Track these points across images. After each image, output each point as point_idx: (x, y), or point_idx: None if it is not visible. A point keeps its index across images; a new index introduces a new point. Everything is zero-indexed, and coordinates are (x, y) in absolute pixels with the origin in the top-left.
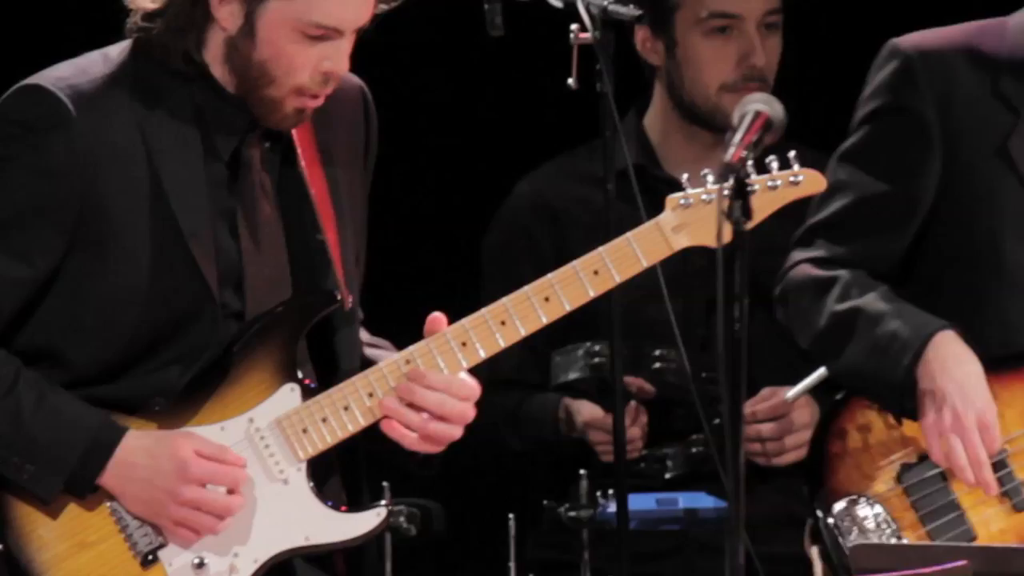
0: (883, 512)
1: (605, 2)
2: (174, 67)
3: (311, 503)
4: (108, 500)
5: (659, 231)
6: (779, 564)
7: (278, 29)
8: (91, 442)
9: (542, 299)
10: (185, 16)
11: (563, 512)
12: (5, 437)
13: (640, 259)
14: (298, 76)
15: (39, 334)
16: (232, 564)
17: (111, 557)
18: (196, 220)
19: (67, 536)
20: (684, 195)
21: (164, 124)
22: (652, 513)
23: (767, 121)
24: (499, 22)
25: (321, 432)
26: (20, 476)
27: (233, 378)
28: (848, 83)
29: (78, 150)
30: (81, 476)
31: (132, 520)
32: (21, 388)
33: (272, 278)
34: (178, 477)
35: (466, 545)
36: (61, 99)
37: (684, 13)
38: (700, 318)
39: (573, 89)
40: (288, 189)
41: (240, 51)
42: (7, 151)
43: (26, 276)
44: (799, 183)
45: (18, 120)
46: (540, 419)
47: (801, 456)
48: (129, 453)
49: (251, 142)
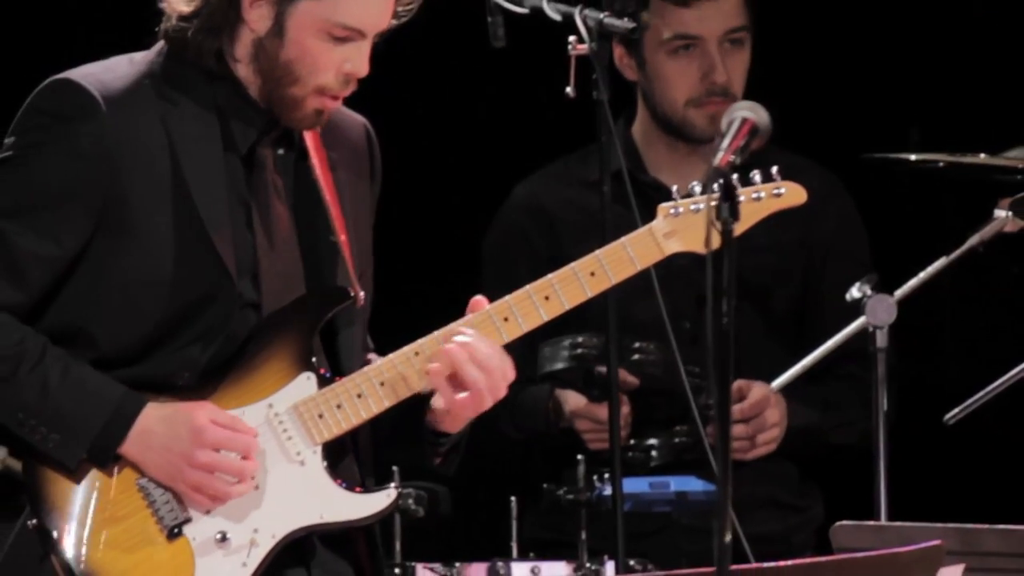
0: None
1: (601, 16)
2: (203, 66)
3: (326, 484)
4: (137, 477)
5: (652, 237)
6: (760, 543)
7: (306, 29)
8: (113, 413)
9: (542, 298)
10: (221, 16)
11: (561, 495)
12: (32, 407)
13: (634, 262)
14: (321, 76)
15: (66, 314)
16: (252, 539)
17: (139, 530)
18: (216, 209)
19: (98, 511)
20: (674, 204)
21: (186, 120)
22: (645, 496)
23: (753, 127)
24: (501, 34)
25: (336, 418)
26: (46, 445)
27: (252, 366)
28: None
29: (105, 140)
30: (103, 445)
31: (159, 496)
32: (48, 362)
33: (285, 273)
34: (193, 442)
35: (470, 526)
36: (91, 92)
37: (651, 34)
38: (685, 313)
39: (571, 97)
40: (301, 192)
41: (268, 51)
42: (38, 138)
43: (54, 254)
44: (781, 195)
45: (49, 110)
46: (533, 410)
47: (771, 450)
48: (148, 422)
49: (265, 143)
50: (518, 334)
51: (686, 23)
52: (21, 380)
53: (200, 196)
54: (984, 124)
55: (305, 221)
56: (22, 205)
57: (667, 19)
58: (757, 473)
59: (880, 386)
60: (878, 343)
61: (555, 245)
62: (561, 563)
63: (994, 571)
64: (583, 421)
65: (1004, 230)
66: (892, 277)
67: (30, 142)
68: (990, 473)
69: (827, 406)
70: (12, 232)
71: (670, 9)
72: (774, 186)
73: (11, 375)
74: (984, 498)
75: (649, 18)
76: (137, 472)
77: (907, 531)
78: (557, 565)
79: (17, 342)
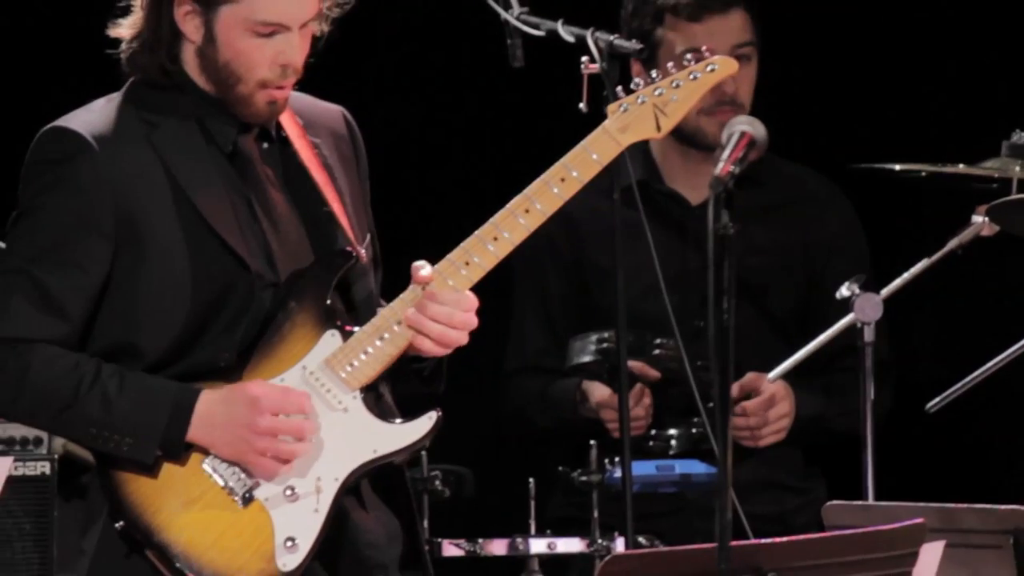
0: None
1: (611, 38)
2: (161, 83)
3: (371, 422)
4: (201, 460)
5: (607, 134)
6: (761, 522)
7: (233, 31)
8: (173, 407)
9: (523, 211)
10: (153, 34)
11: (576, 477)
12: (100, 420)
13: (598, 160)
14: (259, 71)
15: (108, 333)
16: (317, 486)
17: (215, 505)
18: (216, 208)
19: (174, 497)
20: (620, 102)
21: (170, 134)
22: (652, 478)
23: (751, 140)
24: (520, 54)
25: (366, 362)
26: (121, 450)
27: (280, 337)
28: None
29: (102, 173)
30: (172, 437)
31: (225, 471)
32: (104, 377)
33: (295, 250)
34: (253, 411)
35: (492, 505)
36: (79, 132)
37: (664, 49)
38: (696, 312)
39: (584, 113)
40: (291, 176)
41: (208, 57)
42: (43, 182)
43: (83, 282)
44: (715, 70)
45: (46, 158)
46: (562, 400)
47: (781, 439)
48: (207, 406)
49: (247, 140)
50: (509, 248)
51: (697, 37)
52: (84, 400)
53: (200, 200)
54: (962, 137)
55: (300, 200)
56: (44, 247)
57: (680, 34)
58: (761, 458)
59: (867, 377)
60: (865, 338)
61: (580, 250)
62: (575, 539)
63: (972, 546)
64: (608, 411)
65: (981, 234)
66: (879, 277)
67: (37, 190)
68: (968, 457)
69: (831, 396)
70: (41, 273)
71: (683, 24)
72: (707, 63)
73: (74, 399)
74: (963, 480)
75: (663, 34)
76: (201, 455)
77: (892, 510)
78: (572, 541)
79: (72, 367)
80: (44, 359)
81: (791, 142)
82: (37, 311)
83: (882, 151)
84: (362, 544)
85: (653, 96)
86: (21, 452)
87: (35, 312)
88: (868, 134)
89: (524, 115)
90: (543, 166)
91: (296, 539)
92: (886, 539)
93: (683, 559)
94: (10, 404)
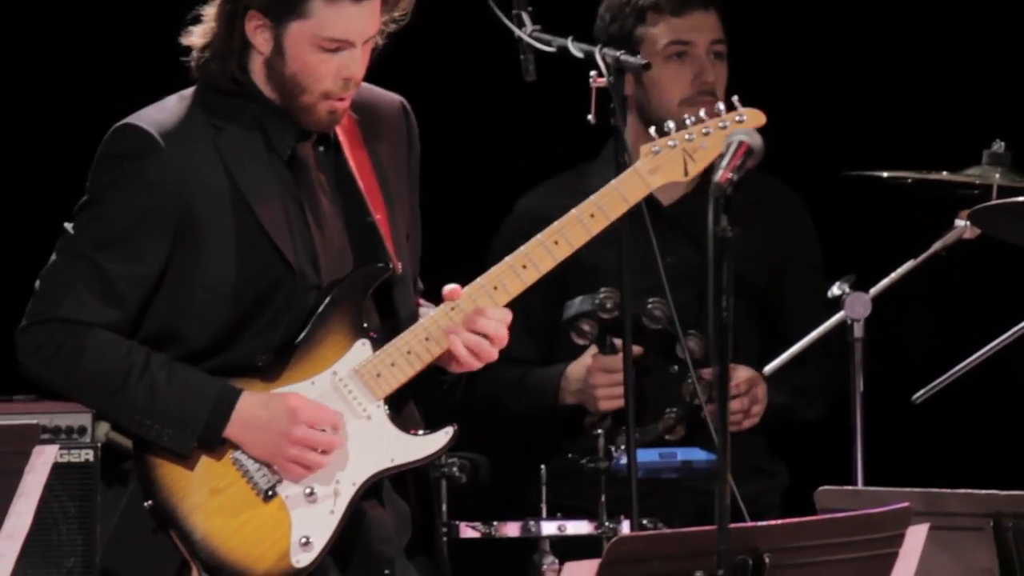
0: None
1: (617, 54)
2: (229, 89)
3: (392, 432)
4: (231, 453)
5: (638, 175)
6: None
7: (301, 46)
8: (215, 404)
9: (552, 243)
10: (227, 45)
11: (584, 464)
12: (145, 409)
13: (626, 200)
14: (323, 83)
15: (158, 320)
16: (336, 489)
17: (239, 497)
18: (271, 212)
19: (202, 485)
20: (654, 144)
21: (234, 138)
22: (655, 464)
23: (748, 149)
24: (532, 69)
25: (392, 373)
26: (161, 439)
27: (315, 342)
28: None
29: (169, 171)
30: (210, 432)
31: (252, 465)
32: (153, 368)
33: (338, 256)
34: (291, 421)
35: (507, 490)
36: (150, 131)
37: (647, 46)
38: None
39: (592, 124)
40: (340, 184)
41: (275, 68)
42: (112, 178)
43: (141, 272)
44: (743, 121)
45: (117, 153)
46: (542, 386)
47: (756, 423)
48: (247, 408)
49: (305, 146)
50: (536, 277)
51: (681, 30)
52: (132, 387)
53: (256, 202)
54: (946, 147)
55: (347, 207)
56: (109, 237)
57: (663, 28)
58: (738, 444)
59: (856, 371)
60: (855, 334)
61: None
62: (584, 522)
63: (954, 529)
64: (597, 375)
65: (963, 237)
66: (868, 277)
67: (106, 183)
68: (952, 444)
69: (795, 390)
70: (104, 261)
71: (666, 19)
72: (736, 114)
73: (123, 385)
74: (946, 466)
75: (645, 31)
76: (231, 449)
77: (880, 495)
78: (580, 524)
79: (125, 354)
80: (99, 344)
81: (786, 151)
82: (96, 297)
83: (871, 159)
84: (374, 540)
85: (684, 141)
86: (66, 440)
87: (94, 298)
88: (858, 143)
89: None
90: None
91: (311, 538)
92: (874, 522)
93: (685, 540)
94: (62, 382)
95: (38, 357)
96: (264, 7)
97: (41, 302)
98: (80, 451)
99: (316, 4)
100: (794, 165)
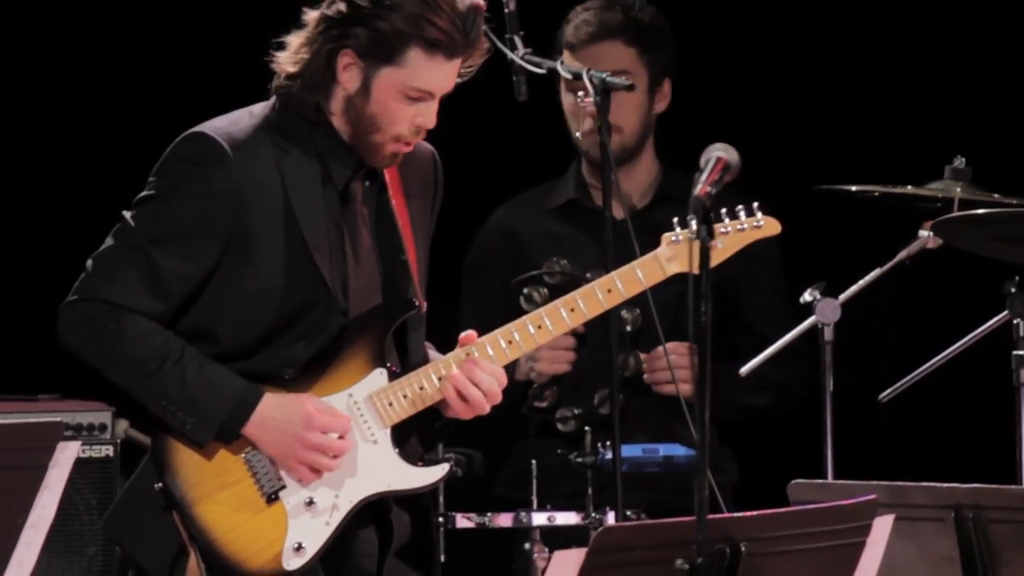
0: None
1: (604, 75)
2: (305, 116)
3: (393, 458)
4: (243, 451)
5: (657, 261)
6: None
7: (388, 91)
8: (237, 402)
9: (568, 309)
10: (319, 77)
11: (572, 459)
12: (173, 397)
13: (642, 281)
14: (398, 127)
15: (197, 318)
16: (334, 503)
17: (244, 495)
18: (317, 235)
19: (212, 477)
20: (675, 234)
21: (295, 162)
22: (639, 459)
23: (726, 164)
24: (524, 89)
25: (402, 405)
26: (184, 427)
27: (338, 363)
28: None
29: (232, 182)
30: (229, 427)
31: (261, 468)
32: (186, 360)
33: (367, 286)
34: (305, 425)
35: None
36: (220, 142)
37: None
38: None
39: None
40: (381, 219)
41: (356, 106)
42: (178, 180)
43: (190, 272)
44: (761, 227)
45: (186, 157)
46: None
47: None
48: (266, 409)
49: (357, 179)
50: (549, 337)
51: (583, 63)
52: (165, 374)
53: (305, 224)
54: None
55: (383, 243)
56: (166, 234)
57: (570, 62)
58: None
59: (827, 372)
60: (826, 338)
61: (520, 258)
62: (572, 513)
63: (918, 519)
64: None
65: (927, 247)
66: (838, 284)
67: (170, 184)
68: (916, 440)
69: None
70: (158, 256)
71: (569, 56)
72: (755, 220)
73: (158, 370)
74: (910, 460)
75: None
76: (244, 447)
77: (848, 488)
78: (569, 515)
79: (162, 344)
80: (139, 330)
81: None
82: (144, 287)
83: (840, 174)
84: (359, 554)
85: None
86: (88, 437)
87: (142, 288)
88: (828, 159)
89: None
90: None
91: (304, 545)
92: (843, 513)
93: (666, 530)
94: (98, 360)
95: (80, 332)
96: (363, 50)
97: (92, 281)
98: (101, 447)
99: (414, 55)
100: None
